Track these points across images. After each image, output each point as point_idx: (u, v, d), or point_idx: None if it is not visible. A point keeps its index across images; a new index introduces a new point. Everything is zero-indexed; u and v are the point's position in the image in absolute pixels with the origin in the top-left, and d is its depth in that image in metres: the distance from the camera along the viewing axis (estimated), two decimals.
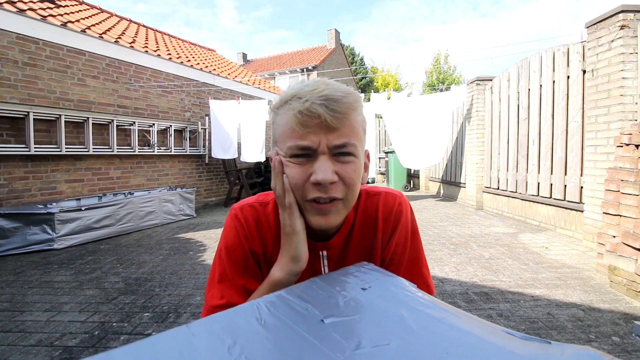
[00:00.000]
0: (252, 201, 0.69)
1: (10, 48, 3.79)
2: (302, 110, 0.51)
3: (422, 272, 0.70)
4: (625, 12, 2.91)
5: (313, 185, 0.53)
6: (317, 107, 0.50)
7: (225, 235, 0.67)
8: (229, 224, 0.67)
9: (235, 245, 0.65)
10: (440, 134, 5.83)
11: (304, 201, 0.55)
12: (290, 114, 0.53)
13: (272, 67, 17.72)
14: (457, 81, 17.43)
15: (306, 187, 0.54)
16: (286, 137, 0.54)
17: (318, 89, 0.52)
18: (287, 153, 0.54)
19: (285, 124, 0.54)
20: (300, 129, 0.52)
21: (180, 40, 8.92)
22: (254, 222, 0.66)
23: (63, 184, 4.29)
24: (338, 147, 0.53)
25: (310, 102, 0.51)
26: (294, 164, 0.54)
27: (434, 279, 2.48)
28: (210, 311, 0.61)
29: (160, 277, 2.66)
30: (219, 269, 0.65)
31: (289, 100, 0.54)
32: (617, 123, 2.94)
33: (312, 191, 0.53)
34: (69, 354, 1.62)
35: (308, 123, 0.51)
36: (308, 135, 0.52)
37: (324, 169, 0.52)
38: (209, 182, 6.74)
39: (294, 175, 0.54)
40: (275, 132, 0.57)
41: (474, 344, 0.31)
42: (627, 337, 1.67)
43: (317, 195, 0.53)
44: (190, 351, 0.29)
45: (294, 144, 0.53)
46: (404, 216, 0.68)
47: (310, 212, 0.56)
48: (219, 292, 0.63)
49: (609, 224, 2.57)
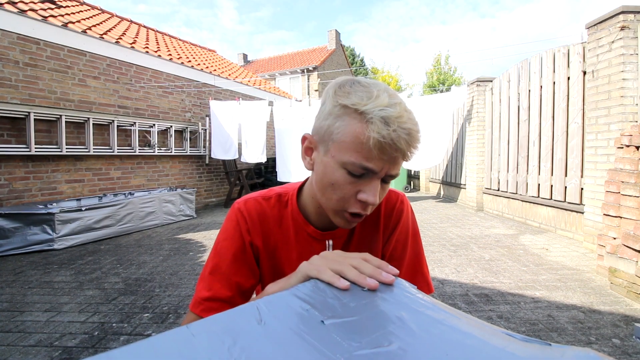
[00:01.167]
0: (256, 195, 0.69)
1: (11, 48, 3.80)
2: (387, 138, 0.49)
3: (422, 270, 0.71)
4: (626, 13, 2.91)
5: (358, 201, 0.55)
6: (401, 142, 0.49)
7: (226, 229, 0.67)
8: (231, 217, 0.67)
9: (235, 238, 0.65)
10: (440, 135, 5.83)
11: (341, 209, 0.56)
12: (368, 130, 0.49)
13: (272, 67, 17.74)
14: (458, 82, 17.44)
15: (350, 200, 0.55)
16: (351, 149, 0.51)
17: (402, 117, 0.50)
18: (344, 163, 0.53)
19: (356, 136, 0.50)
20: (376, 153, 0.50)
21: (181, 40, 8.93)
22: (258, 216, 0.67)
23: (63, 184, 4.30)
24: (390, 176, 0.55)
25: (397, 134, 0.49)
26: (347, 175, 0.53)
27: (434, 280, 2.48)
28: (197, 302, 0.62)
29: (161, 277, 2.66)
30: (213, 260, 0.65)
31: (371, 115, 0.49)
32: (618, 124, 2.94)
33: (355, 206, 0.55)
34: (68, 354, 1.62)
35: (386, 152, 0.50)
36: (379, 160, 0.51)
37: (374, 193, 0.53)
38: (209, 183, 6.74)
39: (343, 187, 0.54)
40: (335, 130, 0.53)
41: (474, 346, 0.31)
42: (628, 339, 1.67)
43: (358, 211, 0.55)
44: (190, 352, 0.29)
45: (360, 162, 0.51)
46: (405, 214, 0.70)
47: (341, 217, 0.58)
48: (207, 284, 0.63)
49: (610, 225, 2.57)
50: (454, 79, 18.43)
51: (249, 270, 0.66)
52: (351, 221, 0.58)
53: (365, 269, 0.43)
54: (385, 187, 0.58)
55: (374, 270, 0.43)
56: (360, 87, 0.53)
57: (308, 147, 0.60)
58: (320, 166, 0.57)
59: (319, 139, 0.57)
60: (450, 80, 18.16)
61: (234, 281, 0.63)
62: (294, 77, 16.73)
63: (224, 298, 0.61)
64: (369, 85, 0.53)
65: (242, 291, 0.64)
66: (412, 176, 9.06)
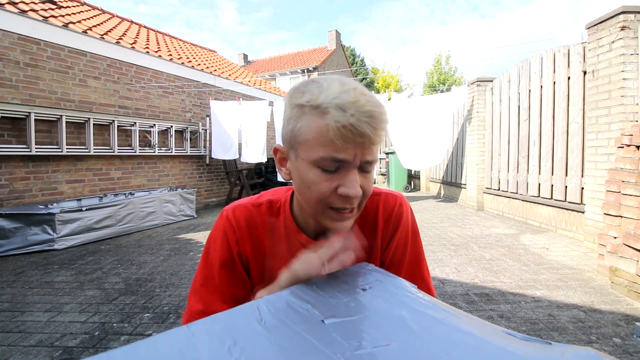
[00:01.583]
0: (245, 202, 0.67)
1: (11, 49, 3.80)
2: (346, 125, 0.47)
3: (422, 274, 0.69)
4: (626, 13, 2.91)
5: (339, 196, 0.53)
6: (363, 125, 0.48)
7: (214, 239, 0.65)
8: (218, 226, 0.65)
9: (223, 250, 0.64)
10: (440, 134, 5.83)
11: (324, 208, 0.54)
12: (327, 122, 0.48)
13: (272, 68, 17.74)
14: (458, 82, 17.43)
15: (331, 197, 0.53)
16: (317, 145, 0.50)
17: (359, 101, 0.48)
18: (315, 161, 0.51)
19: (318, 131, 0.49)
20: (340, 143, 0.49)
21: (181, 41, 8.94)
22: (246, 223, 0.65)
23: (64, 184, 4.30)
24: (366, 163, 0.53)
25: (356, 118, 0.47)
26: (321, 172, 0.52)
27: (434, 279, 2.48)
28: (190, 316, 0.61)
29: (161, 277, 2.66)
30: (204, 272, 0.64)
31: (325, 105, 0.49)
32: (618, 124, 2.93)
33: (338, 202, 0.53)
34: (69, 354, 1.62)
35: (350, 139, 0.49)
36: (347, 149, 0.50)
37: (354, 184, 0.52)
38: (209, 183, 6.74)
39: (320, 185, 0.52)
40: (297, 132, 0.52)
41: (474, 345, 0.31)
42: (628, 338, 1.66)
43: (342, 206, 0.53)
44: (191, 351, 0.29)
45: (329, 155, 0.50)
46: (405, 218, 0.68)
47: (329, 217, 0.56)
48: (200, 297, 0.62)
49: (610, 225, 2.57)
50: (454, 79, 18.42)
51: (240, 280, 0.64)
52: (341, 219, 0.55)
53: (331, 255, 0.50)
54: (368, 175, 0.55)
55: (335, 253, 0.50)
56: (313, 84, 0.52)
57: (281, 158, 0.59)
58: (295, 173, 0.55)
59: (288, 146, 0.56)
60: (451, 80, 18.15)
61: (226, 293, 0.62)
62: (294, 77, 16.73)
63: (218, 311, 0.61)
64: (321, 80, 0.53)
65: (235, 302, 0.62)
66: (413, 176, 9.06)
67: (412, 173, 9.00)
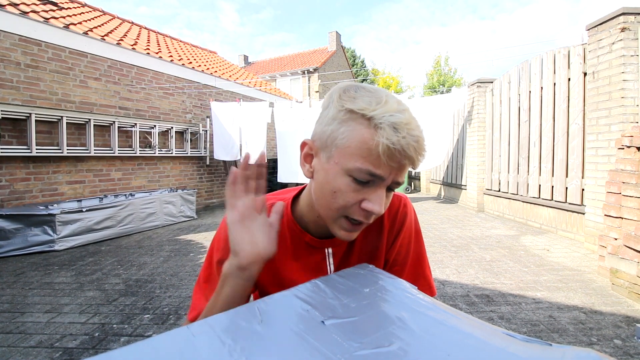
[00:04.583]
0: None
1: (12, 50, 3.81)
2: (396, 145, 0.47)
3: (425, 273, 0.70)
4: (626, 14, 2.91)
5: (362, 209, 0.52)
6: (410, 149, 0.48)
7: (219, 237, 0.66)
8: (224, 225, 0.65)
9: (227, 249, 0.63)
10: (441, 136, 5.84)
11: (341, 216, 0.54)
12: (377, 136, 0.48)
13: (273, 69, 17.76)
14: (458, 83, 17.44)
15: (353, 208, 0.53)
16: (357, 155, 0.49)
17: (411, 124, 0.49)
18: (349, 170, 0.50)
19: (363, 141, 0.49)
20: (384, 160, 0.48)
21: (182, 42, 8.96)
22: None
23: (64, 185, 4.30)
24: (396, 184, 0.53)
25: (406, 141, 0.47)
26: (351, 182, 0.51)
27: (435, 281, 2.47)
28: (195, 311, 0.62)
29: (161, 278, 2.66)
30: (208, 269, 0.65)
31: (380, 120, 0.48)
32: (618, 125, 2.93)
33: (358, 214, 0.53)
34: (69, 355, 1.62)
35: (395, 158, 0.48)
36: (386, 167, 0.50)
37: (380, 202, 0.51)
38: (209, 184, 6.74)
39: (346, 194, 0.52)
40: (339, 136, 0.51)
41: (475, 346, 0.31)
42: (629, 340, 1.66)
43: (360, 219, 0.53)
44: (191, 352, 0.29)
45: (367, 168, 0.49)
46: (409, 218, 0.69)
47: (340, 226, 0.55)
48: (203, 294, 0.63)
49: (611, 226, 2.57)
50: (454, 80, 18.43)
51: None
52: (351, 230, 0.55)
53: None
54: (390, 195, 0.56)
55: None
56: (367, 92, 0.51)
57: (308, 154, 0.57)
58: (321, 173, 0.54)
59: (321, 145, 0.54)
60: (451, 81, 18.15)
61: None
62: (294, 78, 16.74)
63: None
64: (375, 90, 0.52)
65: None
66: (413, 177, 9.06)
67: (413, 174, 9.00)
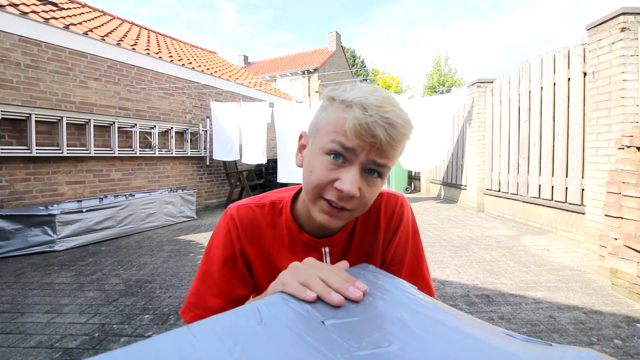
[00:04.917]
0: (249, 202, 0.68)
1: (12, 50, 3.81)
2: (362, 123, 0.49)
3: (423, 273, 0.70)
4: (626, 14, 2.91)
5: (334, 189, 0.53)
6: (377, 127, 0.49)
7: (217, 235, 0.66)
8: (222, 223, 0.66)
9: (225, 246, 0.64)
10: (441, 136, 5.84)
11: (318, 196, 0.55)
12: (348, 116, 0.50)
13: (273, 69, 17.76)
14: (458, 83, 17.43)
15: (327, 187, 0.54)
16: (331, 132, 0.52)
17: (384, 107, 0.50)
18: (327, 147, 0.53)
19: (337, 122, 0.52)
20: (352, 137, 0.50)
21: (182, 42, 8.96)
22: (250, 223, 0.65)
23: (64, 185, 4.30)
24: (375, 164, 0.53)
25: (373, 119, 0.49)
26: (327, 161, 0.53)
27: (434, 281, 2.48)
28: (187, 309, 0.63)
29: (161, 279, 2.66)
30: (204, 266, 0.65)
31: (352, 101, 0.51)
32: (618, 125, 2.93)
33: (331, 193, 0.53)
34: (69, 355, 1.62)
35: (362, 137, 0.50)
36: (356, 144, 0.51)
37: (352, 181, 0.51)
38: (209, 184, 6.74)
39: (321, 172, 0.53)
40: (320, 121, 0.55)
41: (475, 346, 0.31)
42: (629, 340, 1.66)
43: (332, 199, 0.53)
44: (191, 352, 0.29)
45: (339, 140, 0.51)
46: (406, 217, 0.69)
47: (318, 207, 0.56)
48: (196, 289, 0.63)
49: (611, 226, 2.57)
50: (454, 80, 18.42)
51: (241, 278, 0.65)
52: (331, 214, 0.55)
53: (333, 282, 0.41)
54: (373, 181, 0.54)
55: (341, 284, 0.41)
56: (352, 84, 0.55)
57: (302, 145, 0.61)
58: (306, 159, 0.57)
59: (310, 133, 0.59)
60: (451, 81, 18.15)
61: (224, 289, 0.63)
62: (294, 78, 16.74)
63: (214, 307, 0.61)
64: (362, 84, 0.55)
65: (232, 299, 0.63)
66: (413, 177, 9.06)
67: (413, 174, 9.00)
